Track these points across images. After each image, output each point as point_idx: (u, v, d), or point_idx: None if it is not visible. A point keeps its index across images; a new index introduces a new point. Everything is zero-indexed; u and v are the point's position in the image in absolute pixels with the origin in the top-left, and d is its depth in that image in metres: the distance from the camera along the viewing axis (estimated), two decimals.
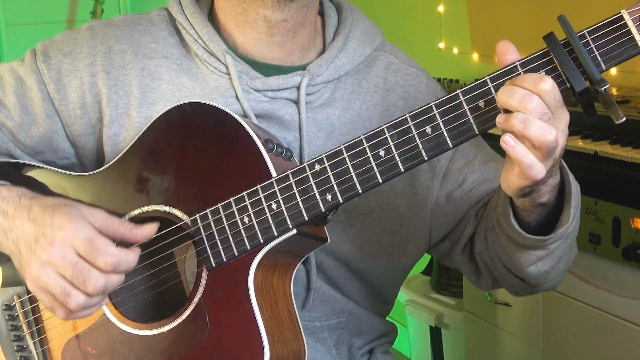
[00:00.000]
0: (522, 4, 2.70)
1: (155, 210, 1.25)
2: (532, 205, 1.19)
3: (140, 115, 1.33)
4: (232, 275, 1.19)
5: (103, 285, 1.12)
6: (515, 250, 1.26)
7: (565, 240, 1.25)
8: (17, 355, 1.32)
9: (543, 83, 1.03)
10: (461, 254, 1.43)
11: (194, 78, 1.35)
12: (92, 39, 1.37)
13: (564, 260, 1.31)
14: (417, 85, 1.44)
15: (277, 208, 1.17)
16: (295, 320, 1.24)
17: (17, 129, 1.36)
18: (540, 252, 1.25)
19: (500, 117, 1.06)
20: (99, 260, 1.11)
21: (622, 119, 1.03)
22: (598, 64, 1.05)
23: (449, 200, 1.40)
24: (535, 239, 1.21)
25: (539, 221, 1.22)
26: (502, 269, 1.35)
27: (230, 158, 1.21)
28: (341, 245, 1.37)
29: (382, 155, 1.13)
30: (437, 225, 1.41)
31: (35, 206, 1.17)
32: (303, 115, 1.33)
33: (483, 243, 1.37)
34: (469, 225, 1.39)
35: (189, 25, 1.36)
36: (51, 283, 1.12)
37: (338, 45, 1.39)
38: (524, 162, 1.05)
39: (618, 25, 1.04)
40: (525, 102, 1.03)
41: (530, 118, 1.03)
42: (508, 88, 1.05)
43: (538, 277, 1.30)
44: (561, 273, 1.34)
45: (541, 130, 1.02)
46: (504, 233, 1.26)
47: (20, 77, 1.36)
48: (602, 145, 1.92)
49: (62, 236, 1.12)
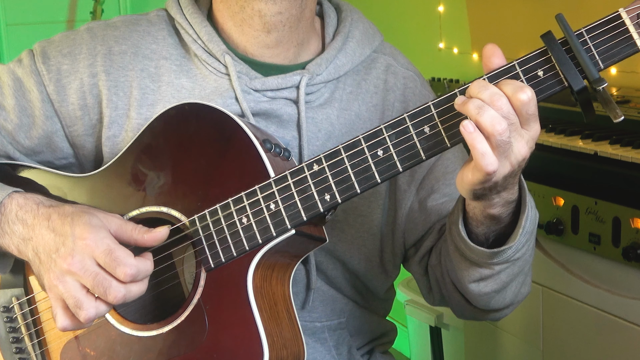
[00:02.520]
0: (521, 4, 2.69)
1: (153, 211, 1.25)
2: (482, 214, 1.18)
3: (139, 116, 1.33)
4: (231, 276, 1.19)
5: (123, 295, 1.13)
6: (461, 262, 1.26)
7: (513, 266, 1.24)
8: (16, 357, 1.32)
9: (522, 93, 1.03)
10: (418, 264, 1.43)
11: (193, 79, 1.35)
12: (92, 40, 1.37)
13: (511, 290, 1.30)
14: (413, 88, 1.44)
15: (276, 208, 1.17)
16: (295, 321, 1.24)
17: (16, 131, 1.36)
18: (484, 271, 1.24)
19: (459, 99, 1.06)
20: (119, 271, 1.12)
21: (621, 118, 1.03)
22: (596, 62, 1.05)
23: (421, 207, 1.40)
24: (478, 250, 1.20)
25: (488, 236, 1.21)
26: (449, 284, 1.35)
27: (228, 158, 1.21)
28: (338, 245, 1.37)
29: (381, 155, 1.13)
30: (409, 230, 1.41)
31: (54, 215, 1.18)
32: (302, 115, 1.33)
33: (437, 257, 1.38)
34: (430, 237, 1.40)
35: (188, 26, 1.36)
36: (67, 292, 1.13)
37: (337, 45, 1.39)
38: (478, 149, 1.04)
39: (616, 24, 1.04)
40: (494, 100, 1.03)
41: (485, 106, 1.03)
42: (483, 83, 1.05)
43: (479, 298, 1.29)
44: (507, 305, 1.33)
45: (492, 120, 1.02)
46: (453, 242, 1.26)
47: (18, 79, 1.36)
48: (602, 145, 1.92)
49: (82, 246, 1.13)
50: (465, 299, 1.34)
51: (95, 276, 1.12)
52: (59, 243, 1.15)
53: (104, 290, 1.12)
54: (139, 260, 1.15)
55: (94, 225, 1.15)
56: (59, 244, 1.15)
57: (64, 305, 1.15)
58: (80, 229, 1.14)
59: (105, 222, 1.16)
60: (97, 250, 1.12)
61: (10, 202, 1.22)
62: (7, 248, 1.23)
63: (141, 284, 1.16)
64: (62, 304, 1.15)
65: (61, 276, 1.13)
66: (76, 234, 1.14)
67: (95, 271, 1.12)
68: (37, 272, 1.19)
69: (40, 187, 1.33)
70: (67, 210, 1.18)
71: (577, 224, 1.94)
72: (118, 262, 1.12)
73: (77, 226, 1.15)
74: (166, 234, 1.19)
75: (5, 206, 1.22)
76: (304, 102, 1.34)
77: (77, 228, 1.14)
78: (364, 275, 1.42)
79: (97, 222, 1.15)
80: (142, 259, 1.16)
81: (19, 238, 1.20)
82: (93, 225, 1.14)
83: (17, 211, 1.21)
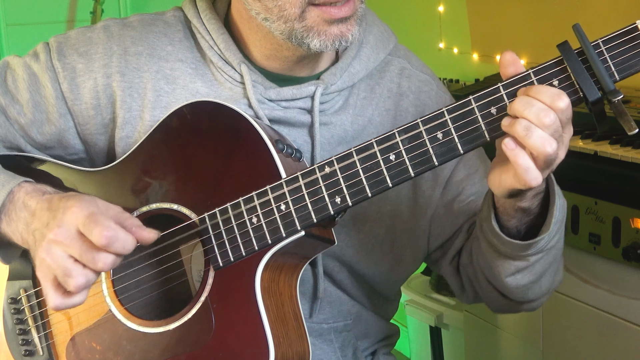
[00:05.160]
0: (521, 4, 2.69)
1: (163, 207, 1.25)
2: (513, 208, 1.19)
3: (153, 118, 1.33)
4: (239, 276, 1.19)
5: (112, 261, 1.11)
6: (495, 259, 1.27)
7: (547, 255, 1.25)
8: (22, 349, 1.32)
9: (560, 101, 1.04)
10: (449, 265, 1.43)
11: (208, 85, 1.34)
12: (108, 39, 1.36)
13: (546, 279, 1.31)
14: (428, 92, 1.43)
15: (286, 209, 1.17)
16: (301, 322, 1.24)
17: (29, 126, 1.36)
18: (519, 263, 1.25)
19: (506, 121, 1.07)
20: (95, 231, 1.09)
21: (635, 130, 1.03)
22: (612, 74, 1.05)
23: (447, 210, 1.40)
24: (513, 243, 1.21)
25: (519, 229, 1.22)
26: (483, 281, 1.36)
27: (240, 158, 1.21)
28: (346, 249, 1.37)
29: (393, 160, 1.13)
30: (435, 234, 1.42)
31: (55, 198, 1.18)
32: (316, 125, 1.33)
33: (469, 256, 1.38)
34: (459, 238, 1.40)
35: (205, 31, 1.35)
36: (55, 263, 1.12)
37: (351, 53, 1.37)
38: (521, 165, 1.05)
39: (633, 36, 1.04)
40: (542, 117, 1.03)
41: (532, 127, 1.03)
42: (526, 99, 1.05)
43: (517, 290, 1.30)
44: (544, 294, 1.34)
45: (542, 141, 1.03)
46: (485, 239, 1.26)
47: (34, 74, 1.36)
48: (602, 145, 1.91)
49: (69, 214, 1.12)
50: (501, 294, 1.34)
51: (81, 244, 1.11)
52: (50, 217, 1.14)
53: (91, 257, 1.10)
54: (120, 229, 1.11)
55: (84, 200, 1.14)
56: (50, 218, 1.14)
57: (54, 283, 1.13)
58: (71, 202, 1.14)
59: (103, 208, 1.15)
60: (80, 215, 1.11)
61: (19, 191, 1.22)
62: (12, 236, 1.23)
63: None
64: (53, 281, 1.13)
65: (48, 248, 1.12)
66: (67, 205, 1.13)
67: (82, 239, 1.11)
68: (33, 256, 1.18)
69: (51, 179, 1.33)
70: (69, 194, 1.18)
71: (577, 224, 1.94)
72: (96, 224, 1.09)
73: (69, 200, 1.14)
74: (154, 238, 1.16)
75: (14, 194, 1.22)
76: (318, 112, 1.34)
77: (69, 201, 1.14)
78: (372, 279, 1.42)
79: (89, 199, 1.15)
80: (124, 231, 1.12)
81: (23, 224, 1.20)
82: (85, 200, 1.14)
83: (24, 199, 1.21)
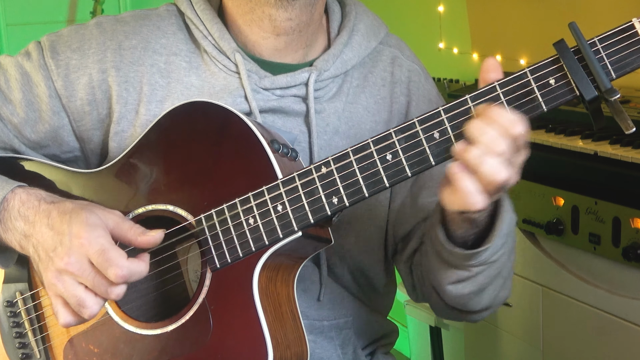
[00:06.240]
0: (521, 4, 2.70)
1: (159, 209, 1.24)
2: (460, 219, 1.18)
3: (148, 112, 1.33)
4: (236, 277, 1.19)
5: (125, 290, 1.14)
6: (439, 265, 1.26)
7: (490, 268, 1.24)
8: (19, 352, 1.32)
9: (515, 128, 1.03)
10: (404, 263, 1.43)
11: (203, 77, 1.35)
12: (101, 34, 1.36)
13: (488, 293, 1.30)
14: (417, 82, 1.46)
15: (283, 210, 1.17)
16: (299, 322, 1.24)
17: (22, 125, 1.35)
18: (461, 273, 1.24)
19: (460, 145, 1.06)
20: (110, 272, 1.11)
21: (632, 129, 1.03)
22: (608, 72, 1.05)
23: (412, 202, 1.40)
24: (455, 252, 1.21)
25: (466, 240, 1.21)
26: (428, 286, 1.36)
27: (236, 158, 1.21)
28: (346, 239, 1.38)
29: (390, 160, 1.12)
30: (398, 223, 1.42)
31: (54, 212, 1.18)
32: (312, 112, 1.34)
33: (419, 257, 1.38)
34: (414, 239, 1.40)
35: (198, 21, 1.36)
36: (67, 292, 1.13)
37: (343, 40, 1.39)
38: (463, 190, 1.06)
39: (629, 34, 1.04)
40: (494, 146, 1.03)
41: (484, 156, 1.03)
42: (480, 126, 1.05)
43: (457, 299, 1.30)
44: (485, 308, 1.33)
45: (493, 170, 1.03)
46: (432, 245, 1.26)
47: (26, 73, 1.35)
48: (602, 145, 1.92)
49: (78, 245, 1.12)
50: (443, 301, 1.34)
51: (94, 277, 1.12)
52: (57, 242, 1.14)
53: (105, 290, 1.12)
54: (132, 262, 1.13)
55: (90, 224, 1.14)
56: (57, 243, 1.14)
57: (64, 302, 1.15)
58: (77, 227, 1.13)
59: (104, 219, 1.15)
60: (91, 249, 1.12)
61: (13, 198, 1.22)
62: (9, 243, 1.23)
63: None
64: (62, 300, 1.15)
65: (59, 275, 1.13)
66: (73, 232, 1.13)
67: (94, 271, 1.12)
68: (37, 269, 1.19)
69: (45, 182, 1.33)
70: (67, 207, 1.17)
71: (577, 224, 1.95)
72: (110, 263, 1.11)
73: (74, 224, 1.14)
74: (160, 238, 1.18)
75: (8, 202, 1.22)
76: (313, 99, 1.34)
77: (74, 226, 1.14)
78: (368, 268, 1.43)
79: (94, 219, 1.15)
80: (136, 261, 1.14)
81: (21, 234, 1.20)
82: (90, 224, 1.14)
83: (19, 207, 1.21)
